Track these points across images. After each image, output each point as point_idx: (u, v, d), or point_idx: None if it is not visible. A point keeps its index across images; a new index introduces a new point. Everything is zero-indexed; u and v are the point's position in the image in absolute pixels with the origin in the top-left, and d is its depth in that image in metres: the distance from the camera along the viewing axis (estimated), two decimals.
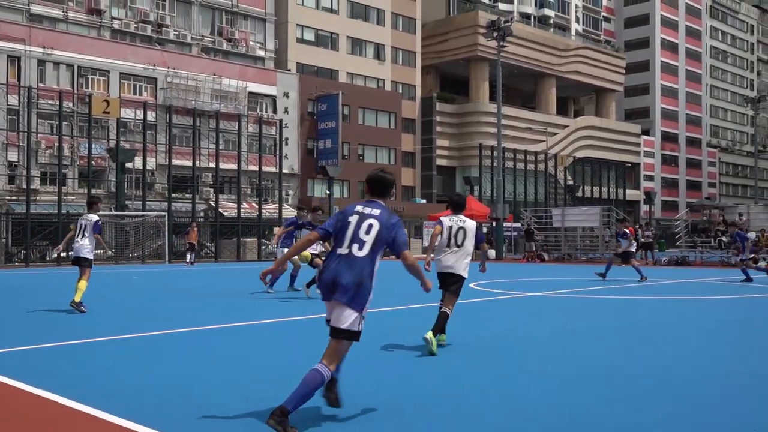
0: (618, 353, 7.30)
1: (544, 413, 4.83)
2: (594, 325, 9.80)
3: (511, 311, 11.70)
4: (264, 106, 50.61)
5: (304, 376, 4.47)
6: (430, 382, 5.83)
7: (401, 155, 59.04)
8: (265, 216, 40.02)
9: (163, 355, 7.09)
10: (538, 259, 35.00)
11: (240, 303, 12.92)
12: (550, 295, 14.59)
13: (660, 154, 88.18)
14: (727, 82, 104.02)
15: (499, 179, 40.96)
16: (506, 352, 7.38)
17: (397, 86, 60.96)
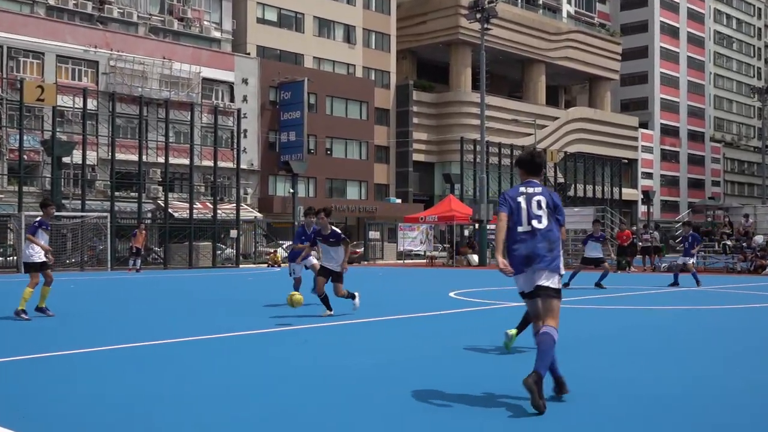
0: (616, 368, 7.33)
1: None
2: (586, 337, 9.84)
3: (492, 323, 11.72)
4: (220, 93, 50.34)
5: (538, 343, 5.62)
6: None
7: (374, 149, 59.08)
8: (220, 217, 39.79)
9: (105, 374, 6.99)
10: None
11: (193, 314, 12.81)
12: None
13: (659, 149, 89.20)
14: (733, 70, 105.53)
15: (483, 176, 41.13)
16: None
17: (370, 72, 60.97)
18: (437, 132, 63.79)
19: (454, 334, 10.16)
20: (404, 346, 8.95)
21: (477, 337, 9.81)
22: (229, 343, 9.32)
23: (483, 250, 38.71)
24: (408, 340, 9.60)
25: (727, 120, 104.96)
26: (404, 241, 41.79)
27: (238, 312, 12.98)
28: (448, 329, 10.77)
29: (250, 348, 8.86)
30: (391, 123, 61.94)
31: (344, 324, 11.19)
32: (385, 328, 10.88)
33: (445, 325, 11.39)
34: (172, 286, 21.93)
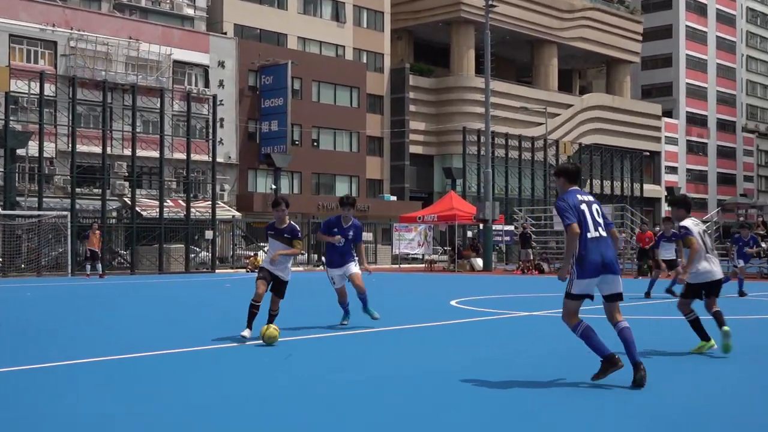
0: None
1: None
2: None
3: (499, 334, 11.76)
4: (193, 78, 50.30)
5: (624, 337, 7.13)
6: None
7: (366, 141, 59.11)
8: (194, 216, 39.78)
9: (61, 390, 7.00)
10: (535, 271, 35.27)
11: (161, 325, 12.82)
12: (550, 315, 14.68)
13: (685, 140, 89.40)
14: (767, 52, 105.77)
15: (488, 171, 41.19)
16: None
17: (361, 55, 60.99)
18: (437, 121, 63.84)
19: (454, 347, 10.18)
20: (397, 360, 8.97)
21: (480, 350, 9.84)
22: (204, 357, 9.33)
23: (488, 254, 38.79)
24: (403, 353, 9.62)
25: (761, 108, 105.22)
26: (400, 243, 41.84)
27: (214, 323, 12.98)
28: (447, 341, 10.80)
29: (227, 363, 8.87)
30: (386, 111, 61.96)
31: (332, 336, 11.21)
32: (378, 341, 10.90)
33: (444, 337, 11.41)
34: (138, 294, 21.92)
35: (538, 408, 6.38)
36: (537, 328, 12.74)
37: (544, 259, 37.07)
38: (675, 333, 11.02)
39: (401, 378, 7.73)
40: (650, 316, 14.29)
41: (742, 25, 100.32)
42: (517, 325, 13.36)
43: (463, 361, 8.85)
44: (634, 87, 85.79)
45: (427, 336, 11.54)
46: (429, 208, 43.76)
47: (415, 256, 44.80)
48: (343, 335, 11.26)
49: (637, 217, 39.90)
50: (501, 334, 11.86)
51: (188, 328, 12.35)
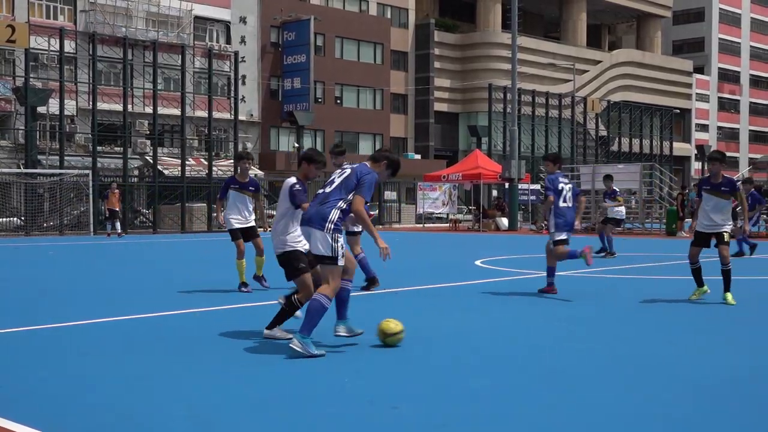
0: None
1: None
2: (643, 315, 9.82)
3: (523, 294, 11.73)
4: (215, 34, 50.12)
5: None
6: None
7: (390, 98, 58.84)
8: (216, 175, 39.84)
9: (86, 348, 7.05)
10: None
11: (182, 283, 12.88)
12: (575, 275, 14.63)
13: (717, 97, 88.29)
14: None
15: (514, 129, 40.85)
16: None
17: (385, 10, 60.50)
18: (462, 78, 63.38)
19: (479, 307, 10.17)
20: (423, 320, 8.96)
21: (504, 311, 9.82)
22: (221, 316, 9.37)
23: (514, 213, 38.63)
24: (427, 313, 9.61)
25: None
26: (424, 203, 41.76)
27: (233, 283, 13.02)
28: (472, 301, 10.78)
29: (240, 322, 8.90)
30: (410, 68, 61.57)
31: (355, 296, 11.21)
32: (402, 301, 10.89)
33: (468, 297, 11.39)
34: (158, 253, 22.05)
35: (562, 367, 6.35)
36: (560, 288, 12.70)
37: None
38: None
39: (430, 336, 7.71)
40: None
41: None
42: (539, 283, 13.31)
43: (484, 319, 8.82)
44: (665, 42, 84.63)
45: (451, 295, 11.52)
46: (454, 167, 43.57)
47: (440, 215, 44.71)
48: (367, 295, 11.25)
49: (666, 176, 39.53)
50: (525, 293, 11.81)
51: (207, 287, 12.39)
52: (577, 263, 12.47)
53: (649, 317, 9.35)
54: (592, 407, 5.26)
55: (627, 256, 19.23)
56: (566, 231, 11.49)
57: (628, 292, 11.85)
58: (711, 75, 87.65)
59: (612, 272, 15.30)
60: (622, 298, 11.21)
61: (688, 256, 10.73)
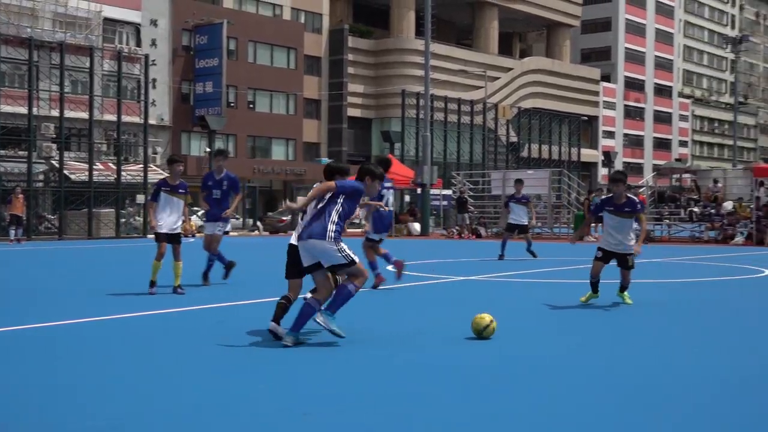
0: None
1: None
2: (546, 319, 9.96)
3: (437, 300, 11.79)
4: (125, 36, 49.23)
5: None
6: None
7: (303, 103, 58.66)
8: (125, 180, 39.12)
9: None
10: (473, 235, 35.51)
11: (86, 292, 12.59)
12: (488, 279, 14.79)
13: (623, 105, 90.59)
14: (704, 17, 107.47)
15: (426, 135, 41.19)
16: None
17: (299, 15, 60.32)
18: (376, 84, 63.59)
19: (391, 310, 10.18)
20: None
21: (417, 314, 9.85)
22: (132, 324, 9.18)
23: (426, 218, 38.91)
24: (339, 318, 9.57)
25: (697, 73, 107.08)
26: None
27: (142, 288, 12.79)
28: (383, 305, 10.79)
29: (154, 330, 8.74)
30: (323, 73, 61.51)
31: (264, 303, 11.13)
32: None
33: (380, 301, 11.40)
34: (61, 259, 21.51)
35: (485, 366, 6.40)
36: (469, 292, 12.81)
37: (481, 223, 37.31)
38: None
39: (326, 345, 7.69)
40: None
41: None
42: (450, 289, 13.42)
43: (395, 326, 8.84)
44: (574, 51, 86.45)
45: (362, 300, 11.50)
46: None
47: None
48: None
49: (574, 182, 40.37)
50: (435, 299, 11.88)
51: (112, 293, 12.13)
52: (501, 267, 12.62)
53: (553, 319, 9.51)
54: (483, 403, 5.31)
55: (537, 261, 19.53)
56: (382, 233, 13.19)
57: (540, 295, 12.02)
58: (617, 83, 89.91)
59: (526, 276, 15.51)
60: (529, 301, 11.36)
61: (591, 272, 10.69)
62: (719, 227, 30.97)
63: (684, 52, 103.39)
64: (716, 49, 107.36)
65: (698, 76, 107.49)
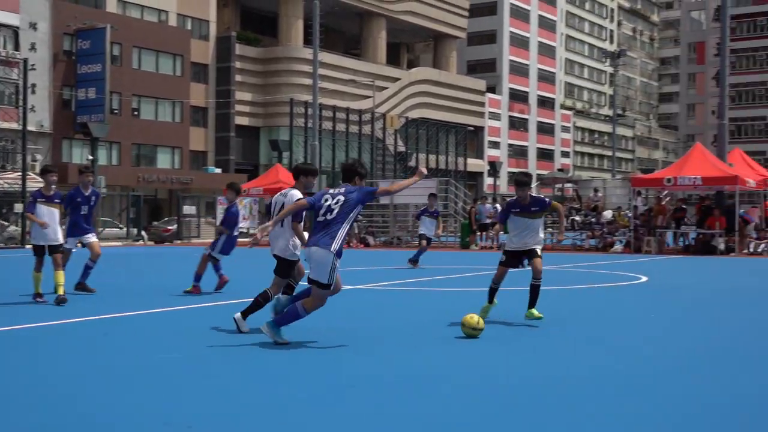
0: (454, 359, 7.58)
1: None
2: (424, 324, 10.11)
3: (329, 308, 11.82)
4: (2, 40, 47.61)
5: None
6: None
7: (189, 111, 57.85)
8: (2, 188, 37.79)
9: None
10: (361, 244, 35.70)
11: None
12: (374, 288, 14.91)
13: (507, 115, 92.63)
14: (585, 32, 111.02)
15: (315, 144, 41.26)
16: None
17: (185, 21, 59.50)
18: (264, 92, 63.23)
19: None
20: (220, 335, 8.87)
21: (310, 323, 9.88)
22: (18, 336, 8.92)
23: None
24: (227, 327, 9.52)
25: (578, 86, 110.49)
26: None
27: (18, 300, 12.41)
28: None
29: (37, 343, 8.52)
30: (210, 80, 60.80)
31: (149, 314, 10.96)
32: (207, 315, 10.75)
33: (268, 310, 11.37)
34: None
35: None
36: (356, 300, 12.90)
37: (369, 232, 37.55)
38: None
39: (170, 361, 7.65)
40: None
41: (562, 5, 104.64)
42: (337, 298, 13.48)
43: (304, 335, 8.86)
44: (460, 62, 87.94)
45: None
46: (255, 181, 43.33)
47: (241, 230, 44.27)
48: (165, 312, 11.00)
49: (461, 191, 41.05)
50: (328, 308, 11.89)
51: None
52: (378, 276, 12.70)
53: (438, 328, 9.68)
54: (373, 411, 5.40)
55: (424, 270, 19.79)
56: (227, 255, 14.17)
57: (427, 304, 12.18)
58: (502, 94, 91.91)
59: (409, 284, 15.69)
60: (416, 310, 11.52)
61: (494, 277, 10.40)
62: (599, 235, 32.01)
63: (566, 65, 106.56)
64: (596, 62, 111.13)
65: (579, 89, 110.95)
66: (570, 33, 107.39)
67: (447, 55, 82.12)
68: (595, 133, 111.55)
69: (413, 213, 25.10)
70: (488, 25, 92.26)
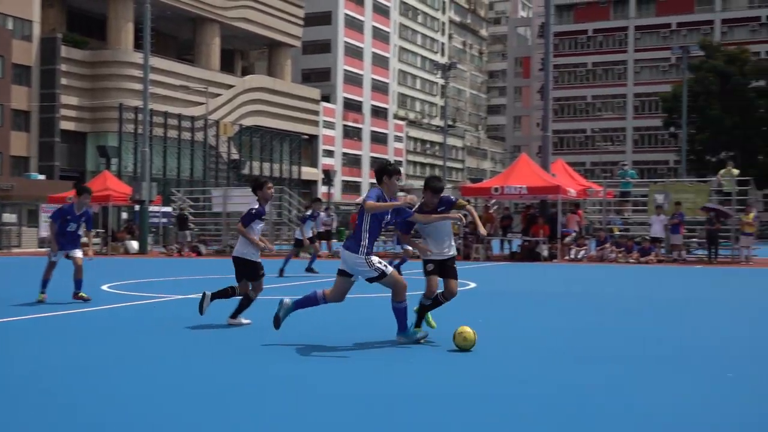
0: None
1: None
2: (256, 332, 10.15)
3: (155, 319, 11.66)
4: None
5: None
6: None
7: (10, 114, 55.33)
8: None
9: None
10: (193, 253, 35.17)
11: None
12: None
13: (342, 125, 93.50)
14: (417, 44, 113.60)
15: (145, 150, 40.28)
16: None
17: (6, 20, 56.91)
18: (91, 96, 61.21)
19: (115, 333, 9.96)
20: (49, 351, 8.61)
21: (136, 335, 9.71)
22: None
23: (144, 236, 38.02)
24: (59, 341, 9.24)
25: (410, 96, 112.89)
26: (46, 226, 39.67)
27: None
28: (103, 328, 10.52)
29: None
30: (34, 83, 58.33)
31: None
32: (31, 329, 10.38)
33: (98, 323, 11.10)
34: None
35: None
36: (189, 310, 12.79)
37: (201, 241, 37.04)
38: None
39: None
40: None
41: (395, 17, 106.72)
42: (171, 308, 13.31)
43: (108, 349, 8.68)
44: (295, 71, 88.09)
45: (76, 322, 11.15)
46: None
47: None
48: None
49: (295, 199, 41.16)
50: (156, 318, 11.74)
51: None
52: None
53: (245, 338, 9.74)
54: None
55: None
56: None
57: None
58: (336, 104, 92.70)
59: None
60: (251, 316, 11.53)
61: (427, 291, 9.30)
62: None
63: (399, 76, 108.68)
64: (428, 74, 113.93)
65: (412, 100, 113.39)
66: (403, 45, 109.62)
67: (282, 63, 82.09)
68: (427, 143, 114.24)
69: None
70: (323, 34, 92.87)
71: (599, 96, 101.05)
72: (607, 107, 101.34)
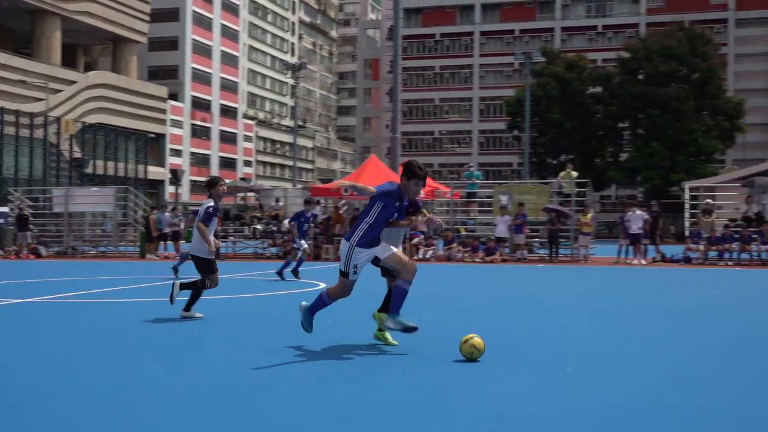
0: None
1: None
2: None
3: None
4: None
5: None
6: None
7: None
8: None
9: None
10: (33, 255, 33.84)
11: None
12: (48, 301, 14.33)
13: (190, 123, 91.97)
14: (267, 43, 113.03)
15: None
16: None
17: None
18: None
19: None
20: None
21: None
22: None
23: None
24: None
25: (260, 96, 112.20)
26: None
27: None
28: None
29: None
30: None
31: None
32: None
33: None
34: None
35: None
36: (39, 315, 12.37)
37: (41, 242, 35.68)
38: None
39: None
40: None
41: (245, 15, 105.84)
42: (8, 313, 12.84)
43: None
44: (141, 68, 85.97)
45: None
46: None
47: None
48: None
49: (141, 199, 40.25)
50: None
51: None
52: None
53: (132, 337, 9.57)
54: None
55: (101, 280, 19.26)
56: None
57: (114, 314, 11.92)
58: (184, 102, 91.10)
59: (86, 296, 15.24)
60: (102, 320, 11.26)
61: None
62: (281, 244, 32.78)
63: (248, 75, 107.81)
64: (278, 74, 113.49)
65: (261, 99, 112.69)
66: (253, 44, 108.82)
67: (127, 59, 79.92)
68: (277, 143, 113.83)
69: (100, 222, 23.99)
70: (170, 31, 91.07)
71: (446, 99, 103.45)
72: (454, 110, 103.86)
